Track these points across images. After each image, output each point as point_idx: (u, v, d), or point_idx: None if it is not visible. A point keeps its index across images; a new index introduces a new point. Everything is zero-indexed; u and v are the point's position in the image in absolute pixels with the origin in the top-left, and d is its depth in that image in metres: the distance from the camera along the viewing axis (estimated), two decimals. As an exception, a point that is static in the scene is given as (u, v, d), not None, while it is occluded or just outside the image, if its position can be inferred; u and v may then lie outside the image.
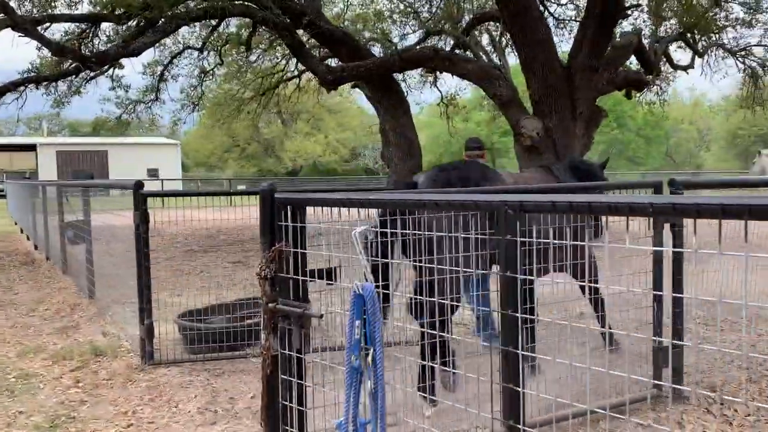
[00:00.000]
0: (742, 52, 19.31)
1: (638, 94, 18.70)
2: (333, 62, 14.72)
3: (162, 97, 17.28)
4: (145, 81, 16.98)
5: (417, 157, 13.37)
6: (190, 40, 16.75)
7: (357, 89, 19.17)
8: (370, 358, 2.34)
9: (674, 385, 4.10)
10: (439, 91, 21.91)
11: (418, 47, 13.32)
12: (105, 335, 6.43)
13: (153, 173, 52.57)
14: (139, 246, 5.11)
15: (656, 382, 4.21)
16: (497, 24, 17.04)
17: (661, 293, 4.16)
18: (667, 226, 4.16)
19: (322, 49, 14.63)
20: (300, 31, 12.52)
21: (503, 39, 15.57)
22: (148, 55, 16.86)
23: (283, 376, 2.86)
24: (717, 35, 18.96)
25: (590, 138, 13.62)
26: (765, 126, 38.51)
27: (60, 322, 7.19)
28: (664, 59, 17.81)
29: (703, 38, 18.52)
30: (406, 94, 14.94)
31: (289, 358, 2.83)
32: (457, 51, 13.15)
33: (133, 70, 19.41)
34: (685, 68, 18.76)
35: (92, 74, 14.65)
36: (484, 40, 16.49)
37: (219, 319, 6.30)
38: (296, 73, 22.16)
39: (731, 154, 40.04)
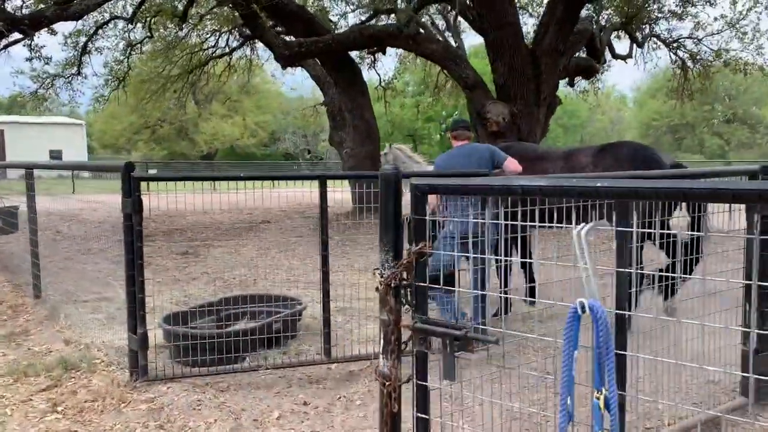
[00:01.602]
0: (675, 44, 19.86)
1: (587, 82, 18.89)
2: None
3: (84, 72, 15.67)
4: (65, 53, 15.36)
5: (375, 141, 12.76)
6: (116, 8, 15.30)
7: (299, 68, 18.25)
8: (602, 404, 1.75)
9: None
10: (378, 73, 21.31)
11: (380, 24, 12.61)
12: (68, 343, 5.45)
13: (55, 155, 49.08)
14: (130, 240, 4.25)
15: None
16: (448, 6, 16.64)
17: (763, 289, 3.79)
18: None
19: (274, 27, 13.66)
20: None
21: (458, 21, 15.16)
22: (69, 25, 15.28)
23: (420, 415, 2.22)
24: (651, 26, 19.42)
25: (547, 125, 13.50)
26: (676, 117, 40.50)
27: (3, 328, 6.11)
28: (607, 48, 18.00)
29: (641, 28, 18.90)
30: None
31: (422, 391, 2.20)
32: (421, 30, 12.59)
33: (48, 40, 17.52)
34: (624, 57, 19.10)
35: (5, 42, 13.01)
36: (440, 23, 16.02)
37: (207, 322, 5.50)
38: (227, 50, 20.96)
39: (645, 143, 41.79)
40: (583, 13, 16.18)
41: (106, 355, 5.05)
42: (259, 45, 21.85)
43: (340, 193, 13.83)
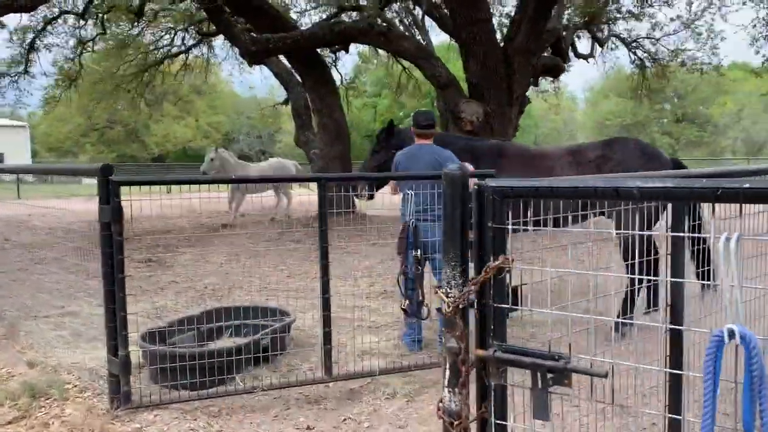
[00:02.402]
0: (634, 44, 20.13)
1: (548, 81, 18.94)
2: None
3: (32, 71, 14.79)
4: (11, 50, 14.46)
5: (345, 141, 12.37)
6: (66, 3, 14.49)
7: (257, 67, 17.70)
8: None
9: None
10: (339, 72, 20.93)
11: (350, 20, 12.22)
12: (32, 366, 4.92)
13: (-3, 159, 46.94)
14: (110, 251, 3.79)
15: None
16: (412, 3, 16.39)
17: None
18: None
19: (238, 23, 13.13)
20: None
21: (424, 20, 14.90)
22: (15, 19, 14.38)
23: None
24: (610, 26, 19.64)
25: (518, 124, 13.37)
26: (628, 116, 41.33)
27: (-46, 350, 5.51)
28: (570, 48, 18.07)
29: (602, 28, 19.08)
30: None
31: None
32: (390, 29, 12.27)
33: (-10, 37, 16.46)
34: (586, 57, 19.23)
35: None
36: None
37: (188, 339, 5.05)
38: (183, 48, 20.26)
39: (598, 142, 42.55)
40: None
41: (78, 379, 4.56)
42: (217, 43, 21.23)
43: (307, 197, 13.46)
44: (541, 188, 1.74)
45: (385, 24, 11.64)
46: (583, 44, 21.29)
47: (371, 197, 6.14)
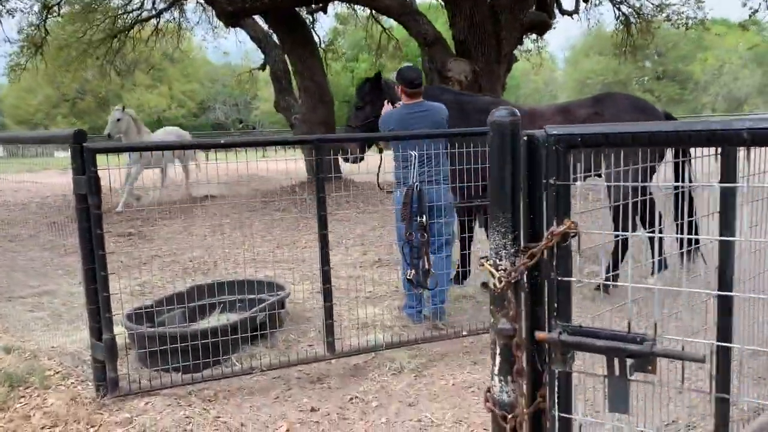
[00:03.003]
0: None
1: (531, 40, 18.53)
2: None
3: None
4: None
5: (329, 104, 11.92)
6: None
7: (232, 32, 17.08)
8: None
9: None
10: (317, 34, 20.27)
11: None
12: (9, 351, 4.55)
13: (-37, 133, 45.51)
14: (87, 226, 3.43)
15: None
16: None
17: None
18: None
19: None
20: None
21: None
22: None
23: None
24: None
25: (505, 83, 13.03)
26: (610, 75, 41.06)
27: (-77, 335, 5.13)
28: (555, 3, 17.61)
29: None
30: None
31: (566, 428, 1.59)
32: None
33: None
34: (570, 13, 18.81)
35: None
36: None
37: (175, 316, 4.72)
38: (154, 12, 19.43)
39: (578, 102, 42.34)
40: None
41: (60, 365, 4.22)
42: (189, 7, 20.41)
43: (293, 163, 12.98)
44: (619, 134, 1.42)
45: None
46: (566, 1, 20.85)
47: (361, 159, 5.72)
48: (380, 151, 5.53)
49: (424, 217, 4.02)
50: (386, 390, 3.87)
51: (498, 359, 1.63)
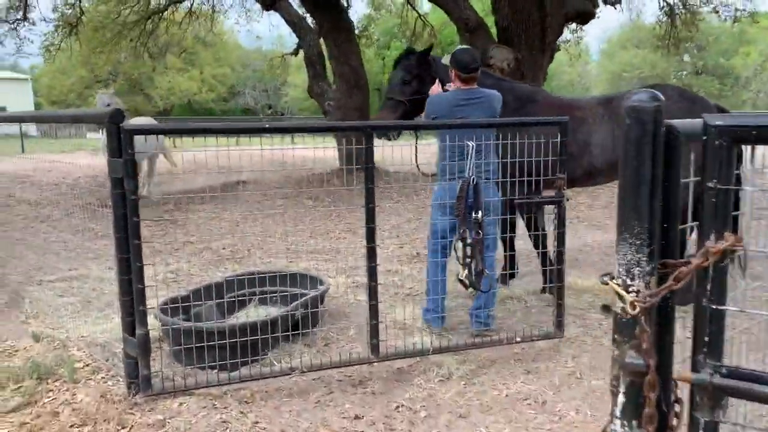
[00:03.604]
0: (664, -12, 19.06)
1: (577, 30, 18.01)
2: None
3: (31, 17, 13.96)
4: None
5: (365, 90, 11.62)
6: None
7: (266, 15, 16.82)
8: None
9: None
10: (351, 20, 19.94)
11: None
12: (37, 339, 4.39)
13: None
14: (123, 212, 3.20)
15: None
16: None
17: None
18: None
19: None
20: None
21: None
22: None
23: None
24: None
25: (546, 73, 12.60)
26: (647, 68, 40.03)
27: (-50, 318, 4.99)
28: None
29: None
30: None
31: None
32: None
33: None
34: (613, 3, 18.20)
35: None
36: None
37: (210, 308, 4.50)
38: (188, -5, 19.28)
39: (615, 95, 41.32)
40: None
41: (89, 357, 4.03)
42: (223, -11, 20.22)
43: (322, 152, 12.69)
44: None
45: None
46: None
47: (398, 136, 5.31)
48: (416, 136, 5.13)
49: (480, 213, 3.71)
50: (434, 398, 3.59)
51: (621, 399, 1.33)
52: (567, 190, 4.07)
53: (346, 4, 17.39)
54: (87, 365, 3.89)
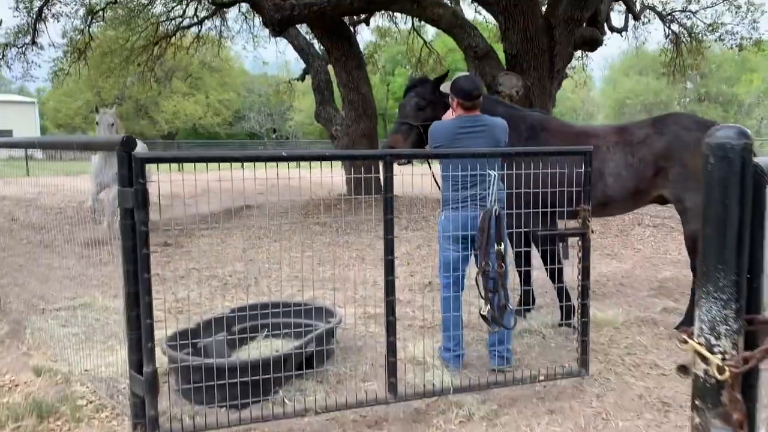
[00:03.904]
0: (669, 17, 19.19)
1: (582, 57, 18.05)
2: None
3: (39, 41, 13.99)
4: (18, 19, 13.65)
5: (373, 117, 11.56)
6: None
7: (274, 41, 16.87)
8: None
9: None
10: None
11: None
12: (39, 373, 4.22)
13: (5, 135, 46.47)
14: (132, 244, 3.06)
15: None
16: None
17: None
18: None
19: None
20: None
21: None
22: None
23: None
24: (644, -1, 18.75)
25: (555, 100, 12.55)
26: (650, 95, 40.13)
27: (-50, 349, 4.83)
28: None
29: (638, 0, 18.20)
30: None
31: None
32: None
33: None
34: (620, 30, 18.27)
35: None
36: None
37: (216, 342, 4.33)
38: (196, 20, 19.41)
39: (620, 121, 41.49)
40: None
41: (93, 393, 3.86)
42: (230, 15, 20.36)
43: (329, 177, 12.56)
44: None
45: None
46: (614, 17, 20.29)
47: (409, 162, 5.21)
48: (429, 163, 5.01)
49: (502, 244, 3.56)
50: (456, 442, 3.41)
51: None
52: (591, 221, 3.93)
53: (353, 31, 17.49)
54: (90, 402, 3.72)
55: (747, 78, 40.76)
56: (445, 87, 4.75)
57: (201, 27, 19.78)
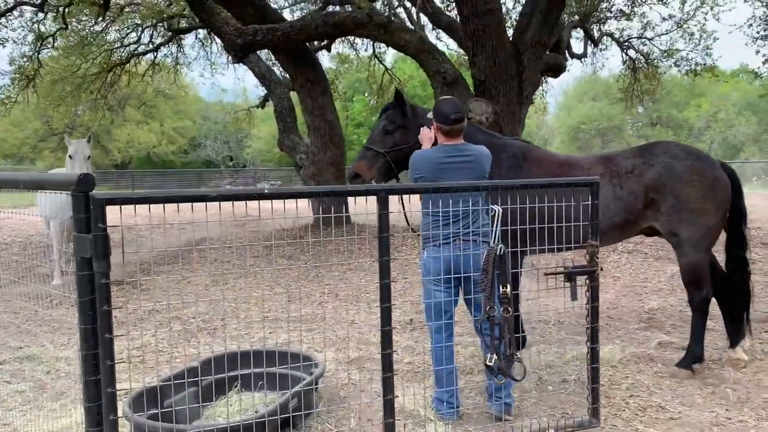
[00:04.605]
0: (626, 44, 19.57)
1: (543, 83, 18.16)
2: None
3: (-16, 68, 13.25)
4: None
5: (340, 145, 11.22)
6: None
7: (231, 68, 16.46)
8: None
9: None
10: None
11: (346, 11, 11.05)
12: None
13: (-53, 166, 44.53)
14: (90, 300, 2.62)
15: None
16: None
17: None
18: None
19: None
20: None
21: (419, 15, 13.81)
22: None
23: None
24: (601, 26, 19.09)
25: (523, 126, 12.46)
26: (604, 121, 40.95)
27: None
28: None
29: (593, 28, 18.49)
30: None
31: None
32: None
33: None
34: (579, 57, 18.51)
35: None
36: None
37: (187, 397, 3.87)
38: (151, 47, 18.90)
39: (574, 147, 42.25)
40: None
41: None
42: (187, 42, 19.88)
43: (292, 203, 12.15)
44: None
45: (385, 15, 10.55)
46: (574, 44, 20.60)
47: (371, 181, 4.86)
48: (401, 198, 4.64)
49: (509, 286, 3.23)
50: None
51: None
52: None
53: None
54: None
55: (696, 102, 42.04)
56: (429, 114, 4.41)
57: (156, 54, 19.28)
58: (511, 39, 10.81)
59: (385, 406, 3.15)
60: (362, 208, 4.62)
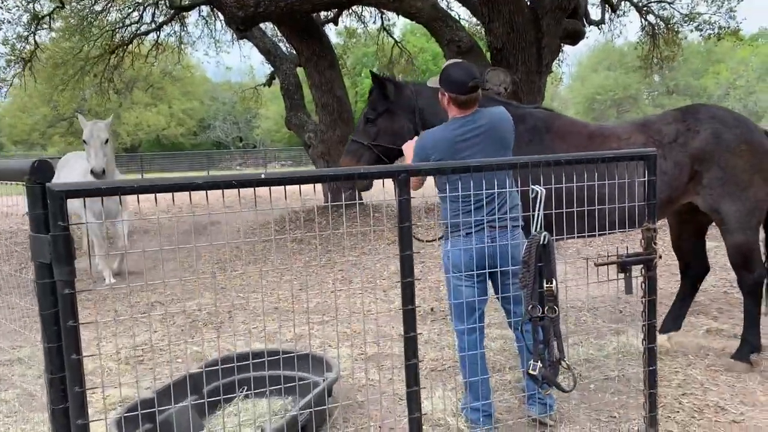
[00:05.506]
0: (645, 8, 18.77)
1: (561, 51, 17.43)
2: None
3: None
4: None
5: (349, 122, 10.68)
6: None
7: (236, 46, 16.00)
8: None
9: None
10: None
11: (353, -21, 10.44)
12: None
13: (-43, 154, 44.47)
14: (52, 314, 2.15)
15: None
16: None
17: None
18: None
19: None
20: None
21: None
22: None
23: None
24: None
25: (543, 96, 11.84)
26: (619, 90, 39.96)
27: None
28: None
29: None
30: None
31: None
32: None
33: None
34: (597, 23, 17.77)
35: None
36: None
37: (182, 413, 3.43)
38: (153, 26, 18.34)
39: (589, 118, 41.25)
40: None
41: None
42: (190, 20, 19.32)
43: (309, 188, 11.61)
44: None
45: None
46: (591, 11, 19.83)
47: (369, 186, 4.26)
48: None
49: (554, 282, 2.73)
50: None
51: None
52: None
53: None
54: None
55: (714, 69, 40.88)
56: (433, 82, 3.75)
57: (159, 33, 18.71)
58: (528, 3, 10.18)
59: (411, 424, 2.68)
60: (377, 186, 4.11)
